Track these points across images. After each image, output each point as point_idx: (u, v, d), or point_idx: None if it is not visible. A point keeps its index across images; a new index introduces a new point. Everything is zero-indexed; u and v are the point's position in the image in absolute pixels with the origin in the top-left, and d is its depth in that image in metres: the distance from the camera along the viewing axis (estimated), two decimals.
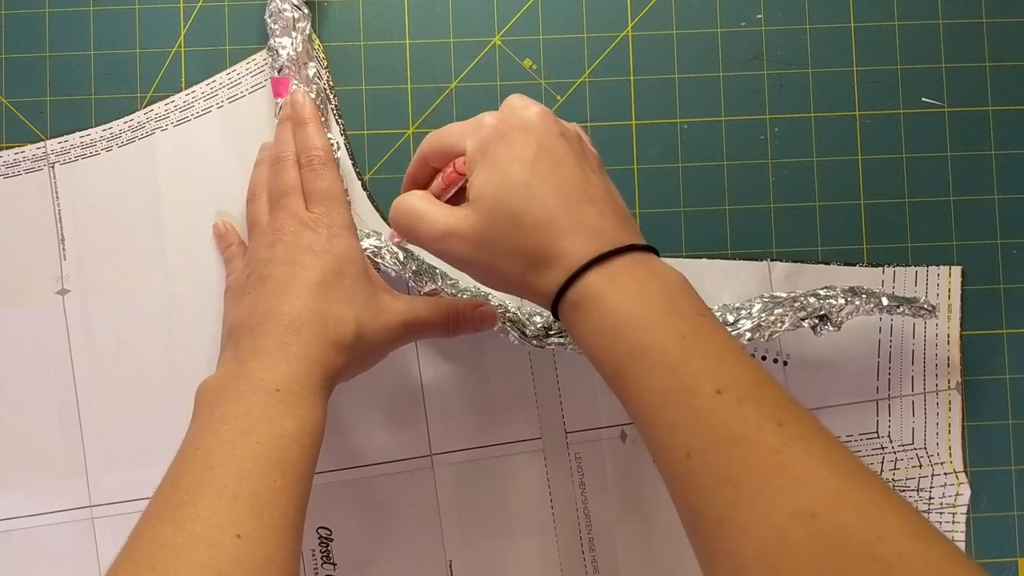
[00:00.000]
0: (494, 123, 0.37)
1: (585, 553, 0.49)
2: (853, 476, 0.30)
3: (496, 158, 0.36)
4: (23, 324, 0.49)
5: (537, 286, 0.36)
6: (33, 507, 0.49)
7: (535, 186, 0.36)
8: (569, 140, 0.38)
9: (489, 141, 0.37)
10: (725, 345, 0.33)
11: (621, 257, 0.35)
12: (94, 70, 0.50)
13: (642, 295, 0.34)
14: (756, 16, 0.50)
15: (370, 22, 0.50)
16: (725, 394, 0.31)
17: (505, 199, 0.36)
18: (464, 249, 0.37)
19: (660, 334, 0.33)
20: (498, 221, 0.36)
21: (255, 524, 0.33)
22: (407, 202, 0.39)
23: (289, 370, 0.37)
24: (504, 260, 0.36)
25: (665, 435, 0.32)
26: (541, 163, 0.36)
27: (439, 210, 0.38)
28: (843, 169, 0.50)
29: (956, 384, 0.49)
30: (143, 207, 0.49)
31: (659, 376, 0.32)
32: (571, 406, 0.49)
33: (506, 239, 0.36)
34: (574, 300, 0.35)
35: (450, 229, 0.37)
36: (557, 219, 0.35)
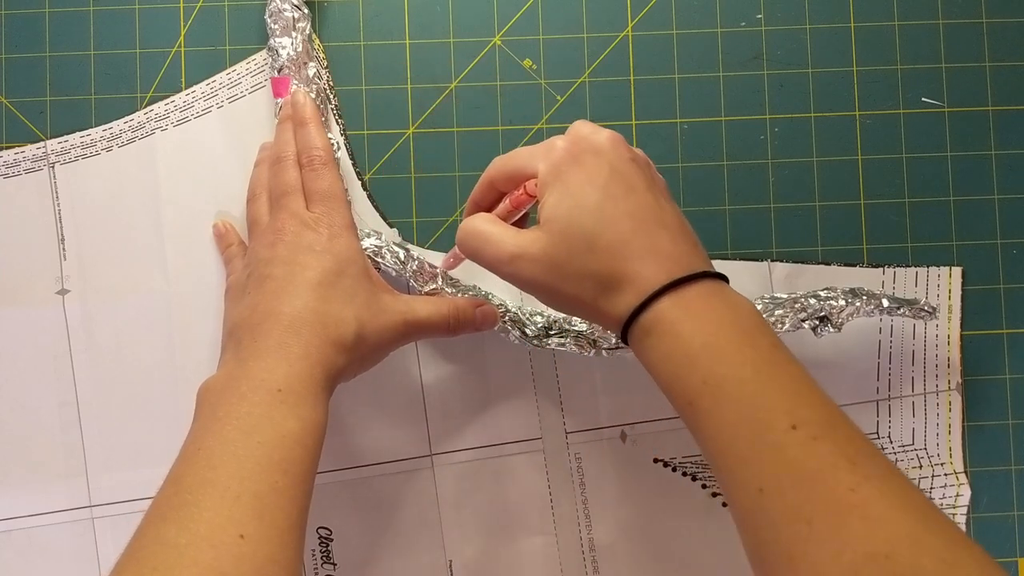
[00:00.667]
0: (566, 146, 0.37)
1: (585, 553, 0.49)
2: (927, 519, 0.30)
3: (568, 181, 0.37)
4: (23, 324, 0.49)
5: (608, 310, 0.36)
6: (33, 507, 0.49)
7: (608, 210, 0.36)
8: (639, 165, 0.38)
9: (562, 164, 0.37)
10: (800, 379, 0.33)
11: (695, 284, 0.35)
12: (94, 70, 0.50)
13: (716, 324, 0.34)
14: (756, 16, 0.50)
15: (370, 22, 0.50)
16: (800, 430, 0.31)
17: (577, 221, 0.36)
18: (534, 271, 0.37)
19: (735, 365, 0.33)
20: (570, 243, 0.36)
21: (258, 524, 0.33)
22: (473, 225, 0.39)
23: (290, 370, 0.37)
24: (575, 283, 0.36)
25: (737, 468, 0.32)
26: (613, 187, 0.36)
27: (507, 232, 0.38)
28: (843, 169, 0.50)
29: (956, 385, 0.49)
30: (143, 207, 0.49)
31: (733, 408, 0.32)
32: (571, 406, 0.49)
33: (578, 262, 0.36)
34: (646, 325, 0.35)
35: (520, 251, 0.37)
36: (630, 243, 0.35)
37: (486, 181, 0.41)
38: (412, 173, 0.50)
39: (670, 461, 0.50)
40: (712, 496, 0.49)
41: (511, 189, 0.40)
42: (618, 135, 0.38)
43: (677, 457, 0.49)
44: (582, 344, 0.46)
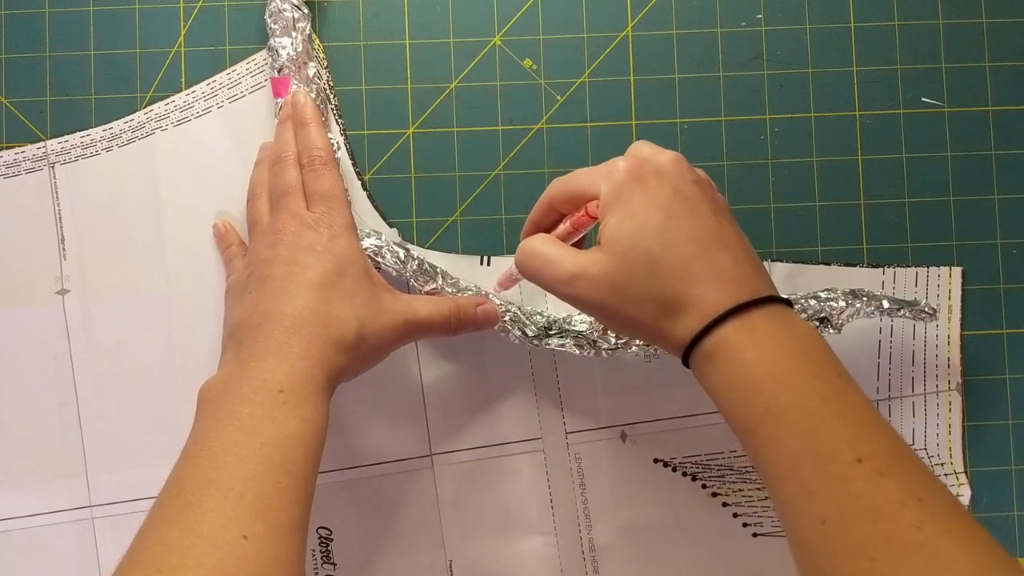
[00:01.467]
0: (628, 167, 0.37)
1: (585, 553, 0.49)
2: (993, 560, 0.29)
3: (631, 202, 0.36)
4: (23, 324, 0.49)
5: (669, 333, 0.36)
6: (33, 507, 0.49)
7: (671, 231, 0.36)
8: (702, 187, 0.38)
9: (624, 185, 0.37)
10: (865, 411, 0.33)
11: (759, 309, 0.35)
12: (94, 70, 0.50)
13: (781, 351, 0.34)
14: (756, 16, 0.50)
15: (370, 22, 0.50)
16: (865, 463, 0.31)
17: (640, 243, 0.36)
18: (595, 292, 0.37)
19: (800, 395, 0.33)
20: (632, 265, 0.36)
21: (261, 525, 0.33)
22: (533, 245, 0.39)
23: (292, 370, 0.37)
24: (636, 305, 0.36)
25: (798, 498, 0.32)
26: (676, 208, 0.36)
27: (567, 253, 0.38)
28: (843, 169, 0.50)
29: (956, 385, 0.49)
30: (143, 207, 0.49)
31: (797, 438, 0.32)
32: (571, 406, 0.49)
33: (639, 283, 0.36)
34: (709, 350, 0.35)
35: (580, 272, 0.37)
36: (693, 266, 0.35)
37: (545, 202, 0.41)
38: (412, 173, 0.50)
39: (670, 461, 0.50)
40: (712, 496, 0.49)
41: (571, 210, 0.40)
42: (680, 156, 0.38)
43: (677, 457, 0.49)
44: (582, 344, 0.46)
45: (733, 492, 0.49)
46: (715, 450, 0.49)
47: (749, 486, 0.49)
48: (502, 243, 0.50)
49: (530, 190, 0.50)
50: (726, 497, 0.49)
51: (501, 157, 0.50)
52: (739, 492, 0.49)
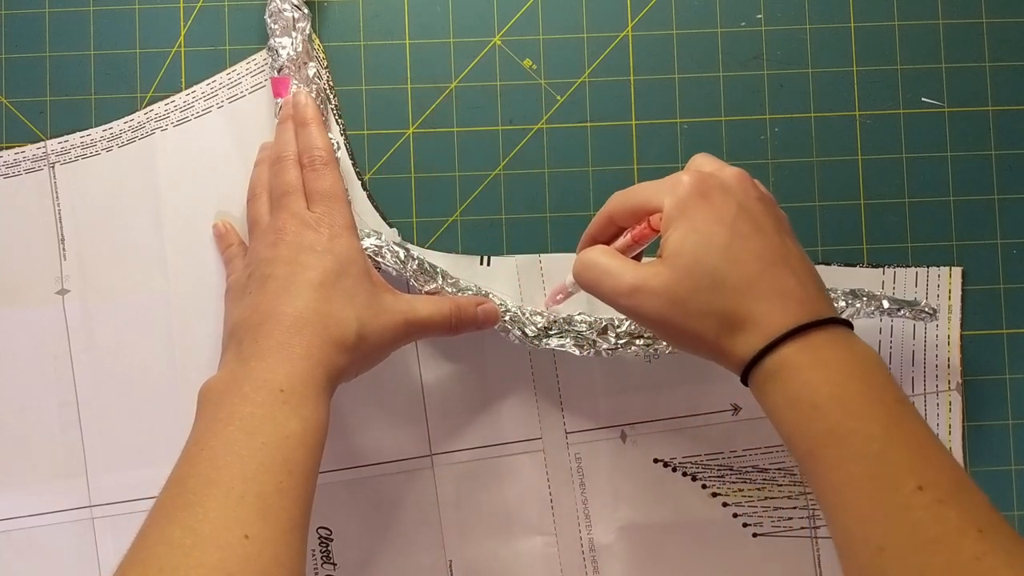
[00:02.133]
0: (693, 182, 0.37)
1: (585, 553, 0.49)
2: None
3: (695, 217, 0.36)
4: (23, 324, 0.49)
5: (730, 350, 0.36)
6: (33, 507, 0.49)
7: (736, 248, 0.35)
8: (766, 203, 0.38)
9: (689, 199, 0.36)
10: (927, 439, 0.33)
11: (822, 330, 0.34)
12: (94, 70, 0.50)
13: (844, 374, 0.33)
14: (756, 16, 0.50)
15: (370, 22, 0.50)
16: (926, 492, 0.31)
17: (704, 258, 0.35)
18: (655, 305, 0.36)
19: (862, 419, 0.33)
20: (695, 280, 0.35)
21: (262, 525, 0.33)
22: (592, 257, 0.39)
23: (292, 370, 0.37)
24: (697, 320, 0.36)
25: (856, 523, 0.32)
26: (741, 225, 0.36)
27: (627, 265, 0.38)
28: (843, 169, 0.50)
29: (956, 385, 0.49)
30: (143, 207, 0.49)
31: (857, 463, 0.32)
32: (571, 406, 0.49)
33: (702, 299, 0.35)
34: (770, 369, 0.34)
35: (641, 284, 0.36)
36: (757, 284, 0.35)
37: (605, 215, 0.41)
38: (412, 173, 0.50)
39: (670, 461, 0.50)
40: (712, 496, 0.49)
41: (631, 224, 0.40)
42: (744, 172, 0.38)
43: (677, 457, 0.49)
44: (582, 344, 0.46)
45: (733, 492, 0.49)
46: (715, 450, 0.49)
47: (749, 486, 0.49)
48: (502, 243, 0.50)
49: (530, 190, 0.50)
50: (726, 497, 0.49)
51: (501, 157, 0.50)
52: (739, 492, 0.49)
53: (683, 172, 0.38)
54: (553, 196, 0.50)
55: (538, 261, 0.49)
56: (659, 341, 0.46)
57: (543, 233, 0.50)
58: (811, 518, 0.49)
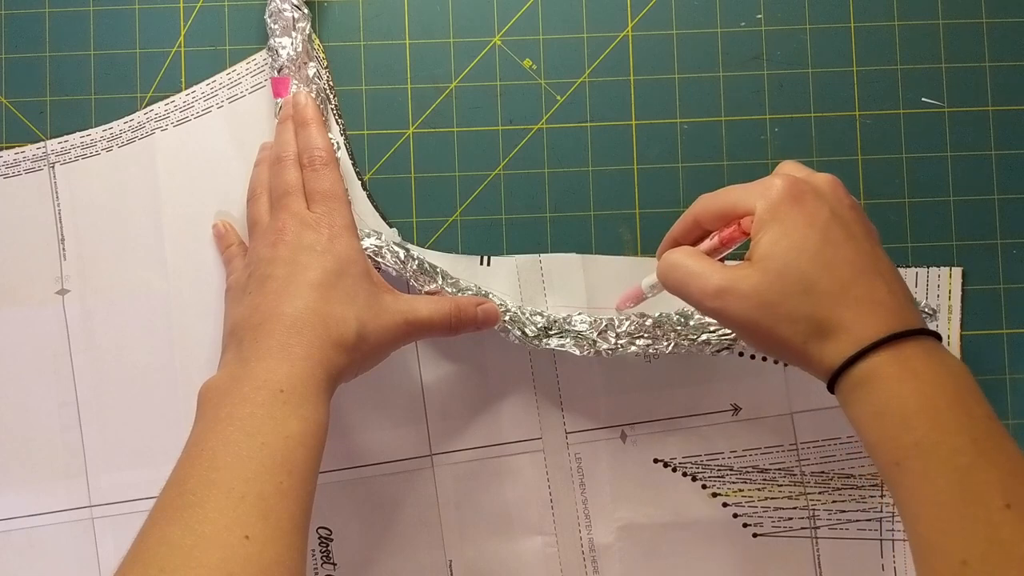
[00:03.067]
0: (786, 186, 0.37)
1: (585, 553, 0.49)
2: None
3: (787, 221, 0.36)
4: (23, 324, 0.49)
5: (817, 356, 0.35)
6: (33, 507, 0.49)
7: (828, 254, 0.35)
8: (857, 211, 0.37)
9: (782, 203, 0.36)
10: (1016, 457, 0.33)
11: (913, 341, 0.34)
12: (94, 70, 0.50)
13: (934, 387, 0.33)
14: (756, 16, 0.50)
15: (370, 22, 0.50)
16: (1014, 510, 0.31)
17: (795, 262, 0.35)
18: (743, 308, 0.36)
19: (952, 433, 0.32)
20: (785, 284, 0.35)
21: (263, 525, 0.33)
22: (677, 258, 0.39)
23: (292, 371, 0.37)
24: (786, 325, 0.35)
25: (940, 537, 0.32)
26: (834, 231, 0.36)
27: (715, 267, 0.37)
28: (843, 169, 0.50)
29: None
30: (143, 207, 0.49)
31: (946, 477, 0.32)
32: (571, 406, 0.49)
33: (791, 303, 0.35)
34: (859, 377, 0.34)
35: (729, 286, 0.36)
36: (849, 290, 0.35)
37: (690, 218, 0.41)
38: (412, 173, 0.50)
39: (670, 461, 0.50)
40: (712, 496, 0.49)
41: (718, 227, 0.40)
42: (836, 178, 0.38)
43: (677, 457, 0.49)
44: (582, 344, 0.46)
45: (733, 492, 0.49)
46: (715, 450, 0.49)
47: (749, 486, 0.49)
48: (502, 243, 0.50)
49: (530, 190, 0.50)
50: (726, 497, 0.49)
51: (501, 157, 0.50)
52: (739, 492, 0.49)
53: (774, 176, 0.38)
54: (553, 196, 0.50)
55: (538, 261, 0.49)
56: (660, 342, 0.46)
57: (543, 233, 0.50)
58: (811, 518, 0.49)
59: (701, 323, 0.46)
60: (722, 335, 0.46)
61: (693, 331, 0.46)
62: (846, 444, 0.49)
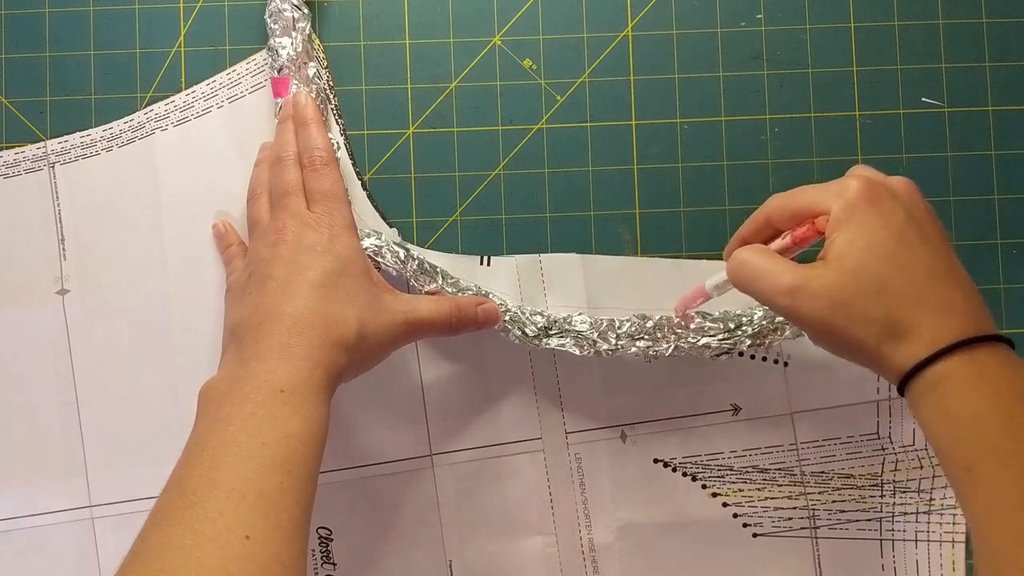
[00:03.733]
0: (863, 187, 0.37)
1: (585, 553, 0.49)
2: None
3: (864, 221, 0.36)
4: (23, 324, 0.49)
5: (890, 358, 0.35)
6: (33, 507, 0.49)
7: (903, 256, 0.35)
8: (932, 215, 0.38)
9: (858, 204, 0.36)
10: None
11: (988, 346, 0.34)
12: (94, 70, 0.50)
13: (1008, 392, 0.33)
14: (756, 16, 0.50)
15: (370, 22, 0.50)
16: None
17: (871, 263, 0.35)
18: (816, 307, 0.36)
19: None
20: (859, 284, 0.35)
21: (263, 525, 0.33)
22: (748, 255, 0.39)
23: (292, 371, 0.37)
24: (859, 325, 0.35)
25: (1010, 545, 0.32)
26: (910, 234, 0.36)
27: (787, 265, 0.37)
28: (843, 169, 0.49)
29: None
30: (143, 207, 0.49)
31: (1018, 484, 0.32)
32: (571, 406, 0.49)
33: (864, 304, 0.35)
34: (931, 380, 0.34)
35: (802, 284, 0.36)
36: (923, 293, 0.35)
37: (762, 217, 0.41)
38: (412, 173, 0.50)
39: (670, 461, 0.50)
40: (712, 496, 0.49)
41: (791, 226, 0.40)
42: (911, 181, 0.38)
43: (677, 457, 0.49)
44: (582, 344, 0.46)
45: (733, 492, 0.49)
46: (715, 450, 0.49)
47: (749, 486, 0.49)
48: (502, 243, 0.50)
49: (530, 190, 0.50)
50: (726, 497, 0.49)
51: (501, 157, 0.50)
52: (739, 492, 0.49)
53: (850, 177, 0.38)
54: (553, 196, 0.50)
55: (538, 261, 0.49)
56: (660, 344, 0.46)
57: (543, 233, 0.50)
58: (811, 518, 0.49)
59: (701, 326, 0.46)
60: (722, 339, 0.46)
61: (693, 334, 0.46)
62: (846, 444, 0.49)
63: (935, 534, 0.49)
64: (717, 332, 0.46)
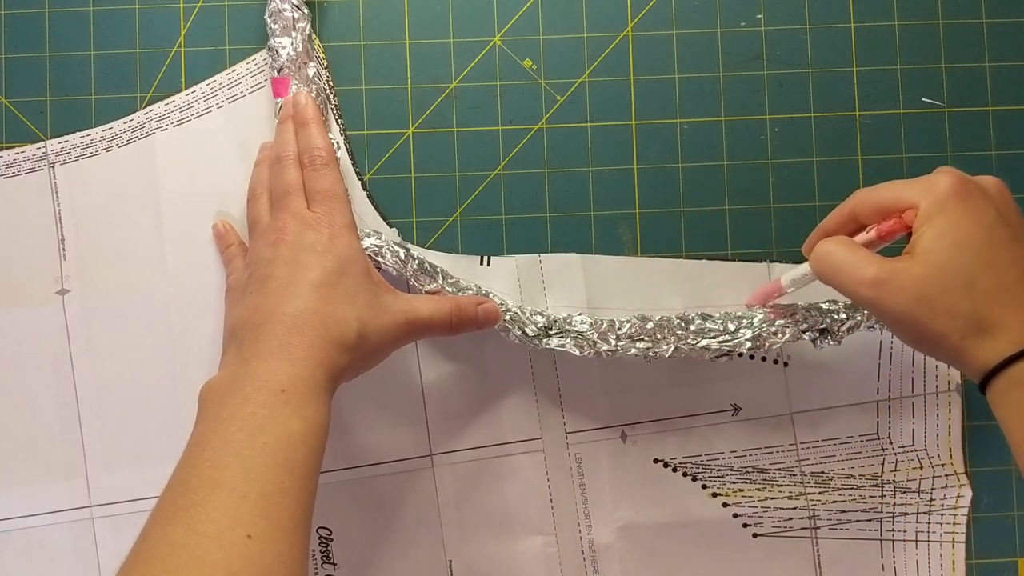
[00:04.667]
0: (953, 183, 0.37)
1: (585, 553, 0.49)
2: None
3: (953, 217, 0.36)
4: (23, 324, 0.49)
5: (974, 354, 0.36)
6: (33, 507, 0.49)
7: (993, 252, 0.36)
8: (1020, 216, 0.38)
9: (948, 199, 0.37)
10: None
11: None
12: (94, 70, 0.50)
13: None
14: (756, 16, 0.50)
15: (370, 22, 0.50)
16: None
17: (959, 258, 0.36)
18: (901, 300, 0.36)
19: None
20: (947, 278, 0.36)
21: (265, 525, 0.33)
22: (832, 247, 0.39)
23: (293, 370, 0.37)
24: (944, 320, 0.36)
25: None
26: (1000, 231, 0.36)
27: (872, 257, 0.38)
28: (843, 169, 0.50)
29: (956, 386, 0.49)
30: (143, 207, 0.49)
31: None
32: (571, 406, 0.49)
33: (952, 298, 0.35)
34: (1016, 377, 0.34)
35: (888, 277, 0.37)
36: (1012, 290, 0.35)
37: (846, 211, 0.41)
38: (412, 173, 0.50)
39: (670, 461, 0.50)
40: (712, 496, 0.49)
41: (876, 220, 0.40)
42: (1002, 181, 0.38)
43: (677, 457, 0.49)
44: (582, 344, 0.46)
45: (733, 492, 0.49)
46: (715, 450, 0.49)
47: (749, 486, 0.49)
48: (502, 243, 0.50)
49: (530, 190, 0.50)
50: (726, 497, 0.49)
51: (501, 157, 0.50)
52: (739, 492, 0.49)
53: (940, 173, 0.38)
54: (553, 196, 0.50)
55: (538, 261, 0.49)
56: (660, 345, 0.46)
57: (543, 233, 0.50)
58: (811, 518, 0.49)
59: (701, 328, 0.46)
60: (722, 341, 0.46)
61: (693, 335, 0.46)
62: (846, 444, 0.49)
63: (935, 534, 0.49)
64: (717, 334, 0.46)
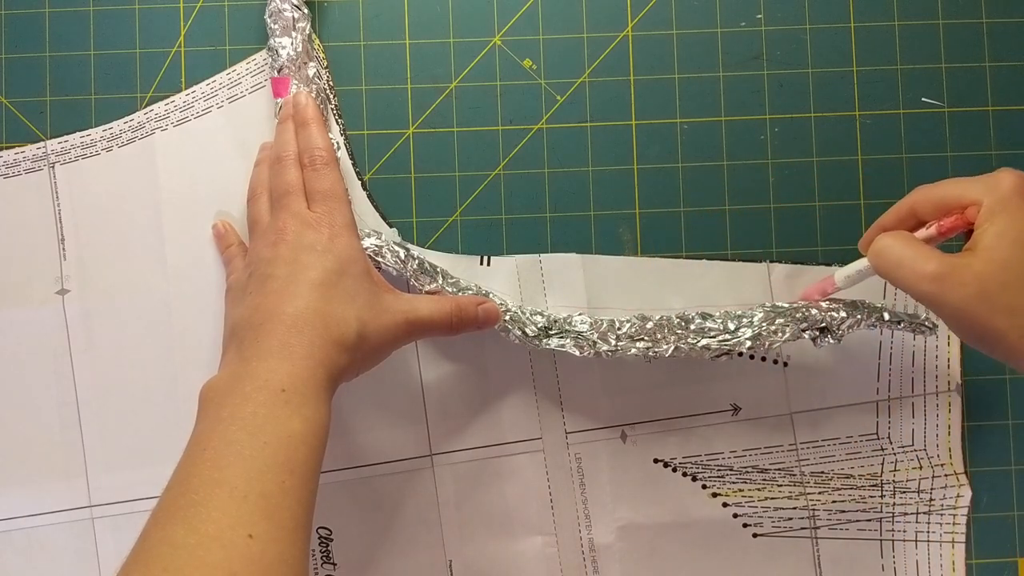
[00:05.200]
0: (1018, 181, 0.37)
1: (585, 553, 0.49)
2: None
3: (1017, 215, 0.37)
4: (23, 324, 0.49)
5: None
6: (33, 507, 0.49)
7: None
8: None
9: (1012, 197, 0.37)
10: None
11: None
12: (94, 70, 0.50)
13: None
14: (756, 16, 0.50)
15: (370, 22, 0.50)
16: None
17: (1021, 256, 0.36)
18: (961, 296, 0.37)
19: None
20: (1009, 275, 0.36)
21: (266, 524, 0.33)
22: (891, 242, 0.39)
23: (293, 370, 0.37)
24: (1003, 317, 0.36)
25: None
26: None
27: (932, 252, 0.38)
28: (843, 169, 0.50)
29: (956, 386, 0.49)
30: (143, 207, 0.49)
31: None
32: (571, 406, 0.49)
33: (1011, 295, 0.36)
34: None
35: (948, 272, 0.37)
36: None
37: (906, 207, 0.41)
38: (412, 173, 0.50)
39: (670, 461, 0.50)
40: (712, 496, 0.49)
41: (935, 216, 0.40)
42: None
43: (677, 457, 0.49)
44: (582, 344, 0.46)
45: (733, 492, 0.49)
46: (715, 450, 0.50)
47: (749, 486, 0.49)
48: (502, 243, 0.50)
49: (530, 190, 0.50)
50: (726, 497, 0.49)
51: (501, 157, 0.50)
52: (739, 492, 0.49)
53: (1002, 172, 0.38)
54: (553, 196, 0.50)
55: (538, 261, 0.49)
56: (660, 345, 0.46)
57: (543, 233, 0.50)
58: (811, 518, 0.49)
59: (701, 327, 0.46)
60: (722, 340, 0.46)
61: (693, 335, 0.46)
62: (845, 444, 0.50)
63: (935, 534, 0.49)
64: (717, 333, 0.46)
